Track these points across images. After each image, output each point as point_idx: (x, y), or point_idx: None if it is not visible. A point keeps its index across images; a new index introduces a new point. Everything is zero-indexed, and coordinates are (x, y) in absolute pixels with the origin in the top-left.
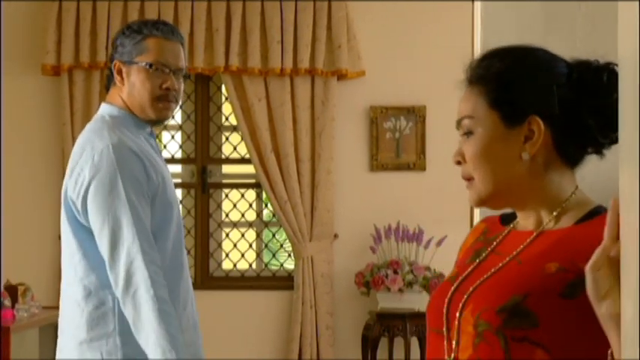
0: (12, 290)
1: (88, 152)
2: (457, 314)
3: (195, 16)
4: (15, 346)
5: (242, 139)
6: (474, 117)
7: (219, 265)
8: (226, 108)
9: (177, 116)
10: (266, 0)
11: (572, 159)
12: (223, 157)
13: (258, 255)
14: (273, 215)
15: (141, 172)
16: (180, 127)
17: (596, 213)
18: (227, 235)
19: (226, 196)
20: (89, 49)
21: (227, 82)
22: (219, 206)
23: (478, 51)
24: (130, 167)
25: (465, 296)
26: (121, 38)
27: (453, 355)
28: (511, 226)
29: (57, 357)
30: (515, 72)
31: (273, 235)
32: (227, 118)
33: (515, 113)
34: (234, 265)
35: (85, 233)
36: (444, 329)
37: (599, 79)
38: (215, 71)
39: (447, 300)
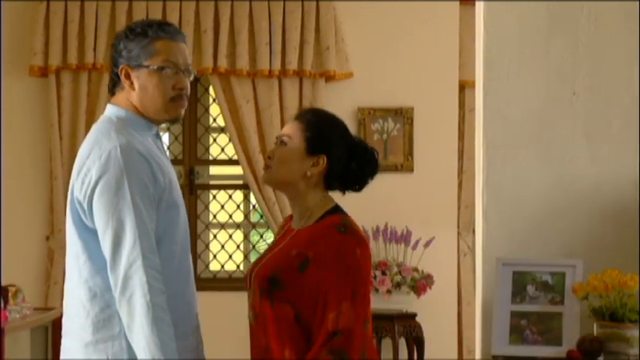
0: (3, 292)
1: (96, 152)
2: (251, 281)
3: (183, 18)
4: (7, 348)
5: (230, 140)
6: (291, 137)
7: (207, 266)
8: (214, 109)
9: None
10: (254, 1)
11: (330, 188)
12: (211, 158)
13: (246, 256)
14: (261, 216)
15: (148, 174)
16: (167, 129)
17: (324, 216)
18: (215, 236)
19: (214, 197)
20: (77, 51)
21: (215, 83)
22: (206, 207)
23: (481, 51)
24: (137, 169)
25: (256, 269)
26: (125, 42)
27: (250, 303)
28: (292, 224)
29: (61, 357)
30: (328, 128)
31: (261, 237)
32: (215, 120)
33: (315, 149)
34: (222, 267)
35: (90, 235)
36: (249, 288)
37: (369, 158)
38: (203, 72)
39: (252, 269)
